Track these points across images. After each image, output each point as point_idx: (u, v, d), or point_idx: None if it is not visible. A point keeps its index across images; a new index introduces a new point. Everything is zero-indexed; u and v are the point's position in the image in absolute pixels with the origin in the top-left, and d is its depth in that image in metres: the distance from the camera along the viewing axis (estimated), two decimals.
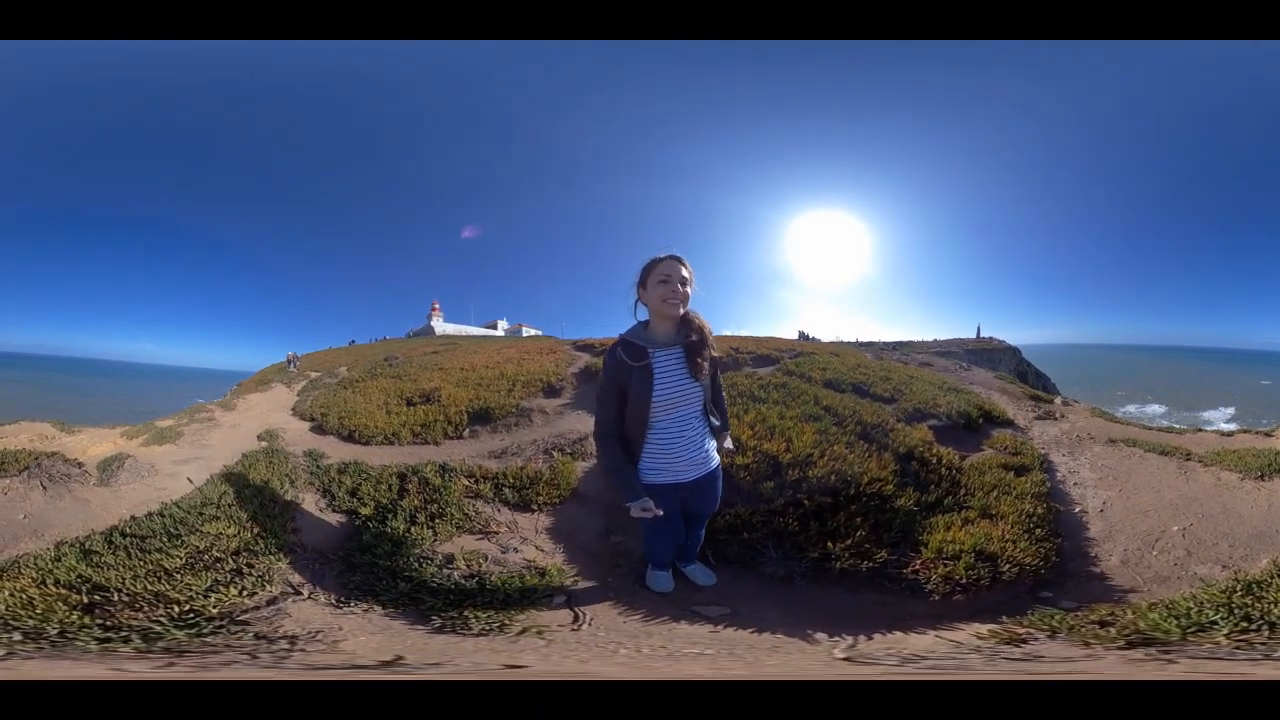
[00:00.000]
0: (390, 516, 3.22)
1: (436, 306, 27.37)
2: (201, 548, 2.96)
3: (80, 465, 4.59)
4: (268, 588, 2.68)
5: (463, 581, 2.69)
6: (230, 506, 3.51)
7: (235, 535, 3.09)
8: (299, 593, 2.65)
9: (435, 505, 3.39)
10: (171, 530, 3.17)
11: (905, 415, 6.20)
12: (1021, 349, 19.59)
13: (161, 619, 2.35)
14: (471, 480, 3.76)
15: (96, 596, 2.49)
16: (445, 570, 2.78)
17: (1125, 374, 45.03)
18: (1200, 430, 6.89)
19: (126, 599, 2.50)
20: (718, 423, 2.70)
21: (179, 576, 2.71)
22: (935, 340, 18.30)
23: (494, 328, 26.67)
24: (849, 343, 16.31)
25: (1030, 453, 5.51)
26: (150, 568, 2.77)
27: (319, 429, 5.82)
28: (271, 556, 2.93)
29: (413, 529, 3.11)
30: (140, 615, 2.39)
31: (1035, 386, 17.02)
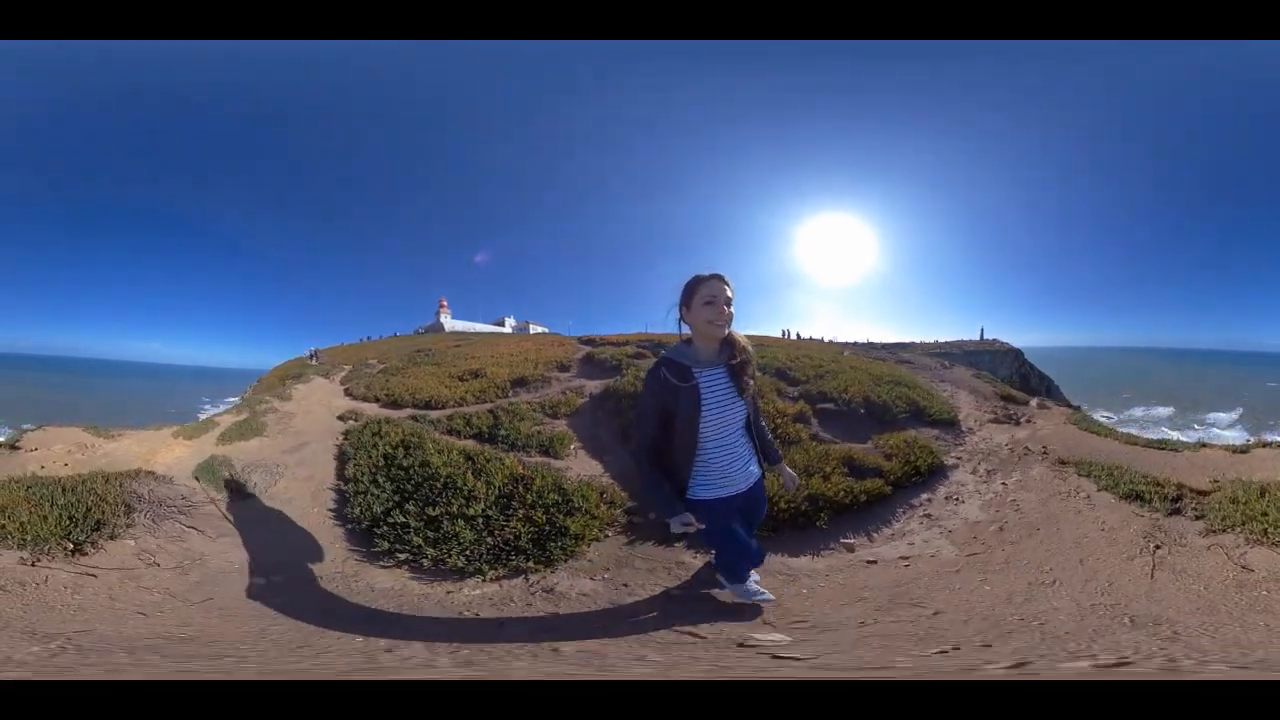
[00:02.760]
0: (502, 426, 5.87)
1: (444, 304, 28.99)
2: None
3: (170, 480, 4.38)
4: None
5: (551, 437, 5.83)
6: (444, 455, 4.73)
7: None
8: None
9: (517, 417, 6.22)
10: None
11: (802, 394, 6.95)
12: (1031, 351, 19.20)
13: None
14: (529, 406, 6.71)
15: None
16: (543, 435, 5.76)
17: (1132, 376, 45.99)
18: (1205, 446, 5.25)
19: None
20: (760, 443, 2.80)
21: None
22: (936, 342, 19.21)
23: (501, 325, 28.32)
24: (843, 342, 17.60)
25: (914, 461, 5.02)
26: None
27: (391, 404, 7.58)
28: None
29: (519, 424, 5.91)
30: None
31: (1037, 389, 16.86)
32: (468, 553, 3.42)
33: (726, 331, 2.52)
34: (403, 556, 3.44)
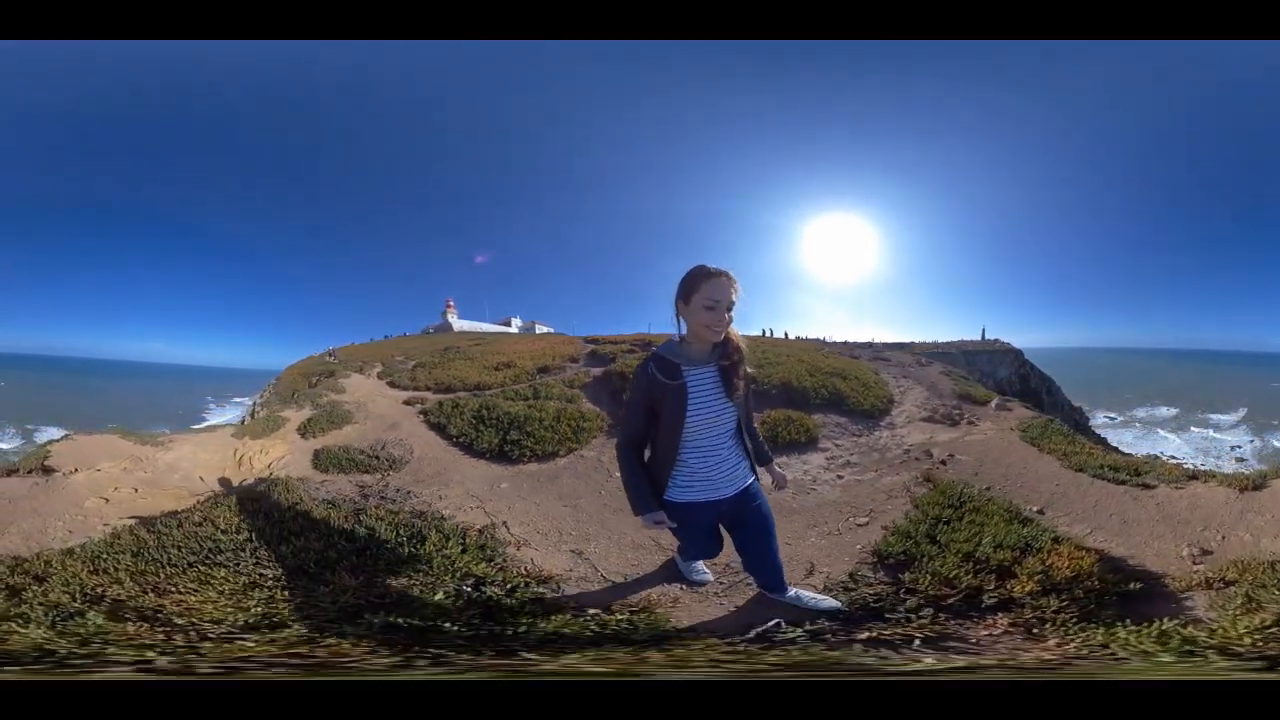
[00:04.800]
0: (541, 395, 8.40)
1: (451, 304, 30.81)
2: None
3: (310, 481, 4.69)
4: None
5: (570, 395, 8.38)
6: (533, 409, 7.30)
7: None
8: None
9: (549, 387, 8.86)
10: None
11: None
12: (1036, 352, 19.35)
13: None
14: (555, 382, 9.35)
15: None
16: (565, 394, 8.40)
17: (1136, 377, 47.38)
18: (1195, 477, 3.90)
19: None
20: (751, 445, 2.82)
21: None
22: (936, 342, 20.33)
23: (507, 324, 30.16)
24: (832, 341, 19.08)
25: (779, 433, 6.05)
26: None
27: (445, 390, 9.89)
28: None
29: (551, 389, 8.55)
30: None
31: (1038, 389, 17.84)
32: (551, 444, 6.30)
33: (723, 335, 2.52)
34: (529, 454, 6.20)
